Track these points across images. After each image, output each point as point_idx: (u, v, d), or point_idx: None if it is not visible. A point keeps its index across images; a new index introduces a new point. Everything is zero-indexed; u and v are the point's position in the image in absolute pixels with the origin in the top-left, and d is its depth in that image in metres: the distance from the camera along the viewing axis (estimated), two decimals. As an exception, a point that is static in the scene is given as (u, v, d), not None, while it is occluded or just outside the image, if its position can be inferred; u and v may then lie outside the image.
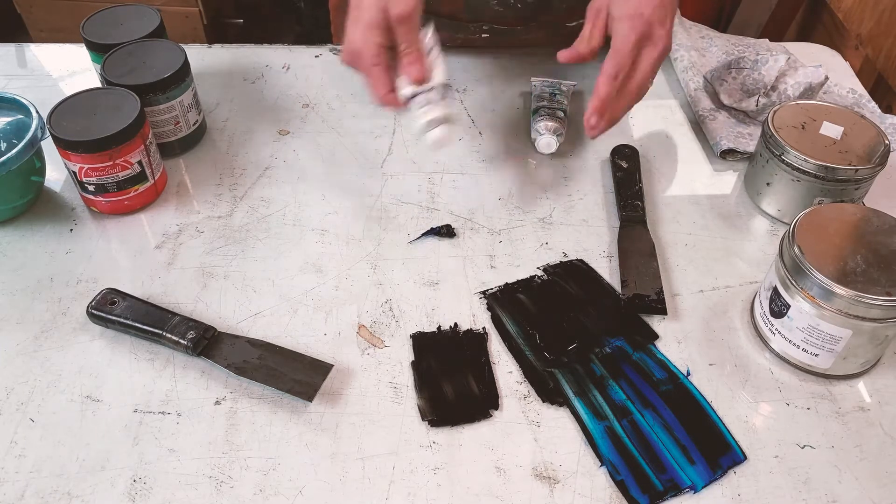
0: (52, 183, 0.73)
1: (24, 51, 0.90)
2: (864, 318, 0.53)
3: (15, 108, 0.70)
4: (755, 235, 0.70)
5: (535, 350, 0.59)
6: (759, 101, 0.79)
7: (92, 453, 0.53)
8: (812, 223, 0.57)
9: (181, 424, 0.54)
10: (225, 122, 0.81)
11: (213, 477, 0.51)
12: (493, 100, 0.85)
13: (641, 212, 0.70)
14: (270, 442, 0.54)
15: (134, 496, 0.50)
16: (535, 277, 0.65)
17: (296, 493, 0.51)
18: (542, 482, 0.52)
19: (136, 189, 0.69)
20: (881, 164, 0.66)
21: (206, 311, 0.62)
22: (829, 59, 0.93)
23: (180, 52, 0.73)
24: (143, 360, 0.58)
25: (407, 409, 0.56)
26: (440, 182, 0.75)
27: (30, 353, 0.59)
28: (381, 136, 0.80)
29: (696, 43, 0.91)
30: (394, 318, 0.62)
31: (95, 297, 0.60)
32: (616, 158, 0.76)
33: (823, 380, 0.58)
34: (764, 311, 0.59)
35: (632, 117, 0.83)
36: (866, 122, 0.69)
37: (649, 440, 0.54)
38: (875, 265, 0.54)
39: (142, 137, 0.67)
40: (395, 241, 0.68)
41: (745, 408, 0.56)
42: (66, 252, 0.67)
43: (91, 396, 0.56)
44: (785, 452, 0.54)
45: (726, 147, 0.77)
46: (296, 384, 0.55)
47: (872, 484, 0.52)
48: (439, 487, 0.51)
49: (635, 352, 0.60)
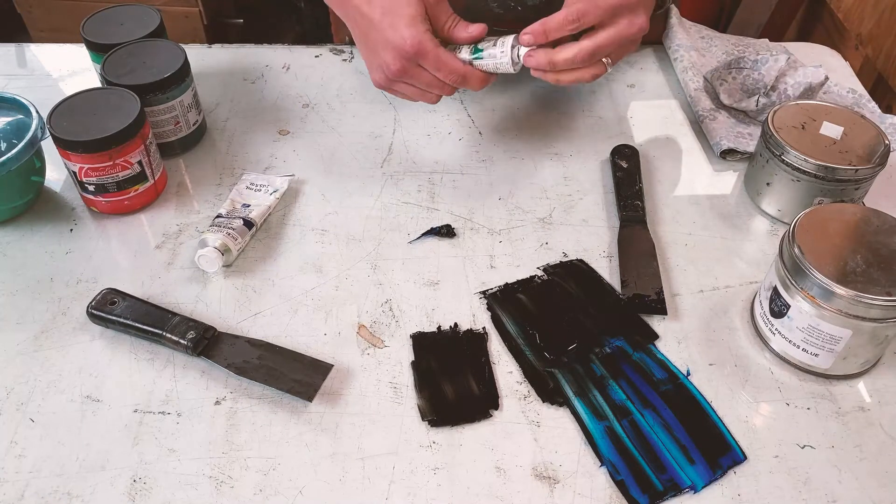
0: (52, 183, 0.73)
1: (24, 51, 0.90)
2: (864, 318, 0.53)
3: (15, 108, 0.70)
4: (755, 235, 0.70)
5: (535, 350, 0.59)
6: (759, 101, 0.79)
7: (92, 453, 0.53)
8: (812, 223, 0.57)
9: (181, 424, 0.54)
10: (225, 122, 0.81)
11: (213, 477, 0.51)
12: (493, 100, 0.85)
13: (641, 212, 0.70)
14: (270, 442, 0.54)
15: (134, 496, 0.50)
16: (535, 277, 0.65)
17: (296, 493, 0.51)
18: (542, 482, 0.52)
19: (136, 189, 0.69)
20: (881, 164, 0.66)
21: (206, 311, 0.62)
22: (829, 59, 0.93)
23: (180, 52, 0.73)
24: (143, 360, 0.58)
25: (407, 409, 0.56)
26: (440, 182, 0.75)
27: (30, 353, 0.59)
28: (381, 136, 0.80)
29: (696, 43, 0.91)
30: (394, 318, 0.62)
31: (95, 297, 0.60)
32: (616, 158, 0.76)
33: (823, 380, 0.58)
34: (764, 311, 0.59)
35: (631, 117, 0.83)
36: (866, 122, 0.69)
37: (649, 440, 0.54)
38: (875, 265, 0.54)
39: (142, 137, 0.67)
40: (395, 241, 0.68)
41: (745, 408, 0.56)
42: (66, 252, 0.67)
43: (91, 396, 0.56)
44: (785, 452, 0.54)
45: (726, 147, 0.77)
46: (296, 384, 0.55)
47: (872, 484, 0.52)
48: (439, 487, 0.51)
49: (635, 352, 0.60)
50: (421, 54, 0.63)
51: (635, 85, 0.88)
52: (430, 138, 0.80)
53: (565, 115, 0.83)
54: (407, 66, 0.64)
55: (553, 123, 0.82)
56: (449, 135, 0.80)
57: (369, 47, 0.66)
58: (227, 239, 0.64)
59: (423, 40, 0.62)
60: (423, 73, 0.65)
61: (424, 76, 0.65)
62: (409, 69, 0.64)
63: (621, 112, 0.84)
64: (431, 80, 0.66)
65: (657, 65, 0.91)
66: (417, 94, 0.68)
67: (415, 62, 0.64)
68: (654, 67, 0.91)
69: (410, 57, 0.63)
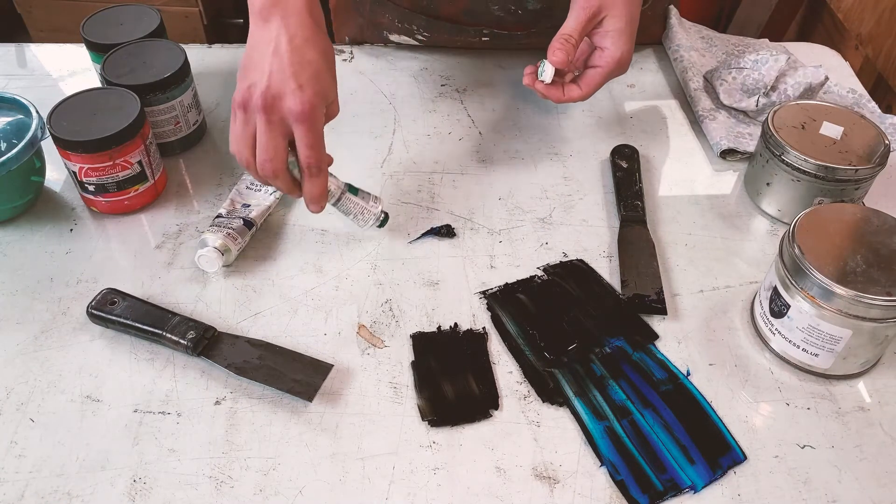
0: (52, 183, 0.73)
1: (24, 51, 0.90)
2: (864, 318, 0.53)
3: (15, 108, 0.70)
4: (755, 235, 0.70)
5: (535, 350, 0.59)
6: (759, 101, 0.79)
7: (92, 453, 0.53)
8: (812, 223, 0.57)
9: (181, 424, 0.54)
10: (225, 122, 0.81)
11: (213, 477, 0.51)
12: (493, 100, 0.85)
13: (641, 212, 0.70)
14: (270, 442, 0.54)
15: (134, 496, 0.50)
16: (535, 277, 0.65)
17: (296, 493, 0.51)
18: (542, 482, 0.52)
19: (136, 189, 0.69)
20: (881, 164, 0.66)
21: (206, 311, 0.62)
22: (829, 59, 0.93)
23: (180, 52, 0.73)
24: (143, 360, 0.58)
25: (407, 409, 0.56)
26: (440, 182, 0.75)
27: (30, 353, 0.59)
28: (381, 136, 0.80)
29: (695, 43, 0.91)
30: (394, 318, 0.62)
31: (95, 297, 0.60)
32: (616, 158, 0.76)
33: (823, 380, 0.58)
34: (764, 311, 0.59)
35: (631, 117, 0.83)
36: (866, 122, 0.69)
37: (649, 440, 0.54)
38: (875, 265, 0.54)
39: (142, 137, 0.67)
40: (395, 241, 0.68)
41: (745, 408, 0.56)
42: (66, 252, 0.67)
43: (91, 396, 0.56)
44: (785, 452, 0.54)
45: (726, 147, 0.77)
46: (296, 384, 0.55)
47: (872, 484, 0.52)
48: (439, 487, 0.51)
49: (635, 352, 0.60)
50: (309, 116, 0.56)
51: (635, 85, 0.88)
52: (430, 138, 0.80)
53: (565, 115, 0.83)
54: (275, 114, 0.56)
55: (553, 123, 0.82)
56: (449, 135, 0.80)
57: (262, 65, 0.57)
58: (227, 239, 0.64)
59: (318, 107, 0.57)
60: (279, 130, 0.57)
61: (277, 133, 0.57)
62: (273, 118, 0.56)
63: (621, 112, 0.84)
64: (278, 144, 0.57)
65: (657, 65, 0.91)
66: (246, 143, 0.58)
67: (290, 119, 0.57)
68: (654, 67, 0.91)
69: (299, 114, 0.56)
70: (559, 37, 0.68)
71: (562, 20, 0.70)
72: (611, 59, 0.69)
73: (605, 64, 0.70)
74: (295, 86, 0.56)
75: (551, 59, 0.68)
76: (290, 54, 0.57)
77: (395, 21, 0.88)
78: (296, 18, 0.58)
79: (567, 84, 0.71)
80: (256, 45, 0.58)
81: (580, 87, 0.71)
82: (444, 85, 0.87)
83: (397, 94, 0.85)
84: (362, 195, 0.65)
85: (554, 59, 0.68)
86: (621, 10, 0.68)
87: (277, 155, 0.58)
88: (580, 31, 0.68)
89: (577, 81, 0.71)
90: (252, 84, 0.57)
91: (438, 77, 0.88)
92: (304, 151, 0.58)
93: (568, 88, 0.71)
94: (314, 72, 0.57)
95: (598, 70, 0.70)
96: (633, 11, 0.69)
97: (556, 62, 0.68)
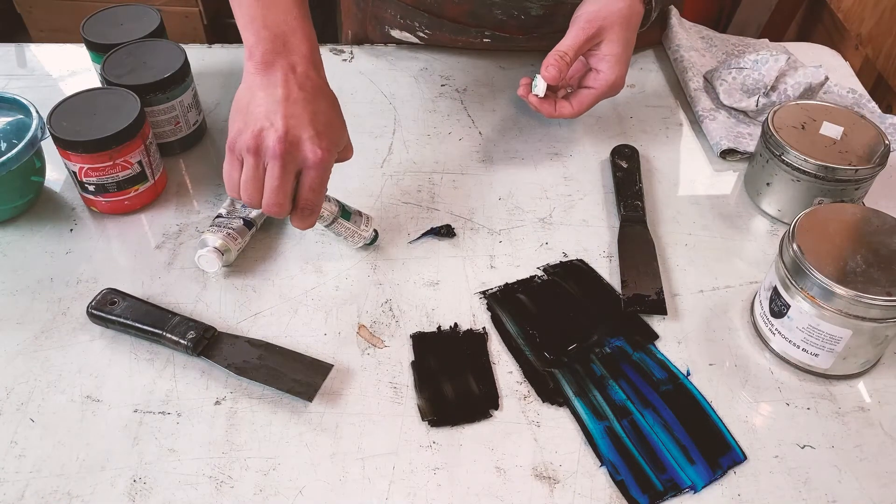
0: (52, 183, 0.73)
1: (24, 51, 0.90)
2: (864, 318, 0.53)
3: (15, 108, 0.70)
4: (755, 235, 0.70)
5: (535, 350, 0.59)
6: (759, 101, 0.79)
7: (92, 453, 0.53)
8: (812, 223, 0.57)
9: (181, 424, 0.54)
10: (225, 122, 0.81)
11: (213, 477, 0.51)
12: (493, 100, 0.85)
13: (641, 212, 0.70)
14: (270, 442, 0.54)
15: (134, 496, 0.50)
16: (535, 277, 0.65)
17: (296, 493, 0.51)
18: (542, 482, 0.52)
19: (136, 189, 0.69)
20: (881, 164, 0.66)
21: (206, 311, 0.62)
22: (829, 59, 0.93)
23: (180, 52, 0.73)
24: (143, 360, 0.58)
25: (407, 409, 0.56)
26: (440, 182, 0.75)
27: (30, 353, 0.59)
28: (381, 136, 0.80)
29: (695, 43, 0.91)
30: (394, 318, 0.62)
31: (95, 297, 0.60)
32: (616, 158, 0.76)
33: (823, 380, 0.58)
34: (764, 311, 0.59)
35: (631, 117, 0.83)
36: (866, 122, 0.69)
37: (649, 440, 0.54)
38: (875, 265, 0.54)
39: (142, 137, 0.67)
40: (395, 241, 0.68)
41: (745, 408, 0.56)
42: (66, 252, 0.67)
43: (91, 396, 0.56)
44: (785, 452, 0.54)
45: (726, 147, 0.77)
46: (296, 384, 0.55)
47: (872, 484, 0.52)
48: (439, 487, 0.51)
49: (635, 352, 0.60)
50: (322, 163, 0.57)
51: (635, 85, 0.88)
52: (430, 138, 0.80)
53: (565, 115, 0.83)
54: (291, 161, 0.56)
55: (553, 123, 0.82)
56: (449, 135, 0.80)
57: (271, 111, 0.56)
58: (227, 239, 0.64)
59: (333, 154, 0.58)
60: (292, 176, 0.57)
61: (289, 178, 0.57)
62: (289, 165, 0.56)
63: (621, 112, 0.84)
64: (289, 190, 0.57)
65: (657, 65, 0.91)
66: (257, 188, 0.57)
67: (303, 165, 0.57)
68: (654, 67, 0.91)
69: (315, 161, 0.56)
70: (554, 53, 0.70)
71: (563, 25, 0.71)
72: (605, 82, 0.71)
73: (599, 87, 0.72)
74: (312, 132, 0.56)
75: (544, 75, 0.70)
76: (304, 102, 0.57)
77: (397, 17, 0.88)
78: (303, 67, 0.58)
79: (559, 100, 0.73)
80: (257, 90, 0.57)
81: (572, 105, 0.73)
82: (444, 85, 0.87)
83: (397, 94, 0.85)
84: (354, 219, 0.65)
85: (546, 74, 0.70)
86: (619, 35, 0.70)
87: (287, 199, 0.57)
88: (576, 50, 0.70)
89: (569, 99, 0.73)
90: (262, 129, 0.56)
91: (439, 77, 0.88)
92: (306, 194, 0.58)
93: (560, 104, 0.73)
94: (328, 120, 0.58)
95: (591, 91, 0.72)
96: (630, 37, 0.71)
97: (549, 78, 0.70)
